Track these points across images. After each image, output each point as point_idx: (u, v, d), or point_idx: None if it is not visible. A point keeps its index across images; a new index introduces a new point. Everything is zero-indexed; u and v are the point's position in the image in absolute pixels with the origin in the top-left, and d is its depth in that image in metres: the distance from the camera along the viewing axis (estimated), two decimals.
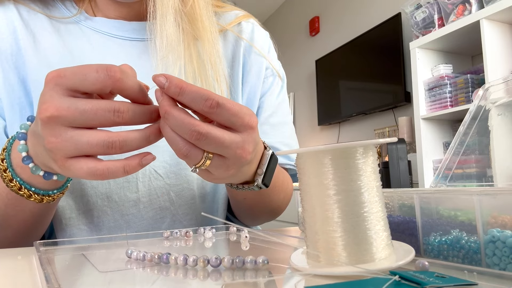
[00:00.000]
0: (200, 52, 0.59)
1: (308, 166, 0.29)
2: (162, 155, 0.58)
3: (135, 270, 0.32)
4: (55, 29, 0.60)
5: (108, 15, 0.62)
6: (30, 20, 0.59)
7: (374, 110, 2.82)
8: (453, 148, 0.53)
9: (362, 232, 0.27)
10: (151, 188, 0.57)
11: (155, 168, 0.57)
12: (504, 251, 0.27)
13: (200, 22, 0.59)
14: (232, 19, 0.70)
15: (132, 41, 0.61)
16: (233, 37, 0.68)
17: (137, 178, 0.57)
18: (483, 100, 0.54)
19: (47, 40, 0.59)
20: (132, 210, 0.57)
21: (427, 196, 0.34)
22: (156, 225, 0.58)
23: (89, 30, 0.61)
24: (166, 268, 0.32)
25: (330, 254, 0.28)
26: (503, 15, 1.74)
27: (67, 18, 0.61)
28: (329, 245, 0.28)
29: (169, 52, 0.56)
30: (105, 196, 0.56)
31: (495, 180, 0.52)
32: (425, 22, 2.08)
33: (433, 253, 0.33)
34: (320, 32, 3.65)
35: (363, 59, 2.94)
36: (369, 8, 2.99)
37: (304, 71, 3.83)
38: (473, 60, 2.21)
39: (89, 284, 0.30)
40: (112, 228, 0.57)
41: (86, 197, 0.56)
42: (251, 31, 0.70)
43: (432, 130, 2.07)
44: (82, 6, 0.62)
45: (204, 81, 0.59)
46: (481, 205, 0.29)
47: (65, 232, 0.56)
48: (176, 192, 0.59)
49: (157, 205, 0.58)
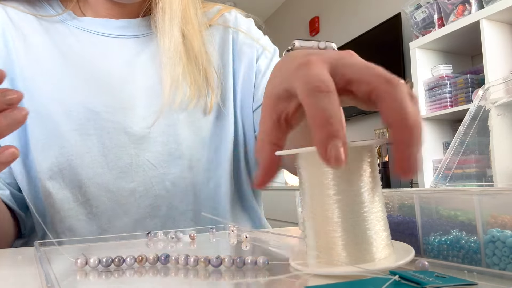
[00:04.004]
0: (188, 49, 0.62)
1: (308, 166, 0.29)
2: (154, 145, 0.59)
3: (136, 270, 0.32)
4: (44, 28, 0.61)
5: (99, 13, 0.63)
6: (20, 21, 0.60)
7: (374, 110, 2.82)
8: (453, 148, 0.53)
9: (362, 232, 0.27)
10: (146, 178, 0.58)
11: (148, 158, 0.59)
12: (504, 251, 0.27)
13: (191, 24, 0.62)
14: (215, 13, 0.71)
15: (121, 38, 0.62)
16: (220, 28, 0.70)
17: (132, 168, 0.58)
18: (483, 100, 0.54)
19: (37, 39, 0.60)
20: (129, 199, 0.58)
21: (427, 196, 0.34)
22: (153, 213, 0.59)
23: (76, 30, 0.62)
24: (166, 268, 0.32)
25: (330, 254, 0.28)
26: (503, 15, 1.74)
27: (53, 17, 0.62)
28: (328, 245, 0.28)
29: (177, 53, 0.59)
30: (102, 186, 0.57)
31: (495, 180, 0.52)
32: (425, 22, 2.08)
33: (433, 253, 0.33)
34: (320, 32, 3.65)
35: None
36: (369, 8, 3.00)
37: None
38: (473, 60, 2.21)
39: (90, 284, 0.30)
40: (111, 216, 0.58)
41: (84, 188, 0.57)
42: (234, 19, 0.72)
43: (432, 130, 2.08)
44: (68, 6, 0.63)
45: (193, 76, 0.61)
46: (481, 205, 0.29)
47: (64, 223, 0.57)
48: (171, 181, 0.60)
49: (153, 193, 0.59)
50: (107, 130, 0.57)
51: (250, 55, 0.68)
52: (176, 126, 0.60)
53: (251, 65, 0.68)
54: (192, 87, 0.61)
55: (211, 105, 0.63)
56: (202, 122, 0.62)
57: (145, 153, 0.58)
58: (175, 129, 0.60)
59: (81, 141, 0.57)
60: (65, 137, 0.56)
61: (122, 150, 0.57)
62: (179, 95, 0.60)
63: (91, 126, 0.57)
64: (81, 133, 0.57)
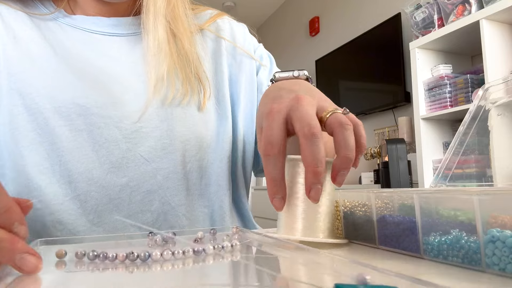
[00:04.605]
0: (179, 48, 0.62)
1: (289, 167, 0.41)
2: (147, 140, 0.59)
3: (136, 269, 0.32)
4: (35, 25, 0.61)
5: (88, 12, 0.64)
6: (10, 17, 0.60)
7: (374, 110, 2.82)
8: (452, 148, 0.53)
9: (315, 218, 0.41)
10: (138, 173, 0.58)
11: (141, 153, 0.59)
12: (503, 251, 0.27)
13: (181, 23, 0.63)
14: (207, 19, 0.72)
15: (112, 36, 0.63)
16: (212, 35, 0.71)
17: (124, 163, 0.58)
18: (483, 100, 0.54)
19: (28, 34, 0.60)
20: (120, 194, 0.58)
21: (427, 196, 0.34)
22: (145, 208, 0.59)
23: (68, 27, 0.62)
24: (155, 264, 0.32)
25: (293, 227, 0.41)
26: (503, 15, 1.74)
27: (45, 15, 0.62)
28: (293, 222, 0.41)
29: (161, 50, 0.60)
30: (93, 181, 0.57)
31: (495, 180, 0.52)
32: (425, 22, 2.08)
33: (432, 253, 0.33)
34: (320, 32, 3.66)
35: (363, 59, 2.94)
36: (369, 8, 3.00)
37: None
38: (472, 60, 2.21)
39: (86, 283, 0.30)
40: (101, 212, 0.57)
41: (74, 183, 0.56)
42: (229, 27, 0.73)
43: (432, 130, 2.08)
44: (60, 5, 0.63)
45: (184, 73, 0.62)
46: (481, 205, 0.29)
47: (54, 216, 0.56)
48: (163, 175, 0.60)
49: (145, 188, 0.59)
50: (97, 125, 0.57)
51: (250, 66, 0.71)
52: (169, 121, 0.60)
53: (252, 77, 0.71)
54: (184, 84, 0.62)
55: (204, 101, 0.64)
56: (196, 118, 0.63)
57: (138, 148, 0.58)
58: (169, 124, 0.60)
59: (72, 136, 0.56)
60: (55, 133, 0.56)
61: (114, 145, 0.57)
62: (172, 91, 0.60)
63: (81, 121, 0.57)
64: (71, 129, 0.57)
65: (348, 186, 2.69)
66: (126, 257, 0.33)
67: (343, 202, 0.44)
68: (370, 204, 0.40)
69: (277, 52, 4.30)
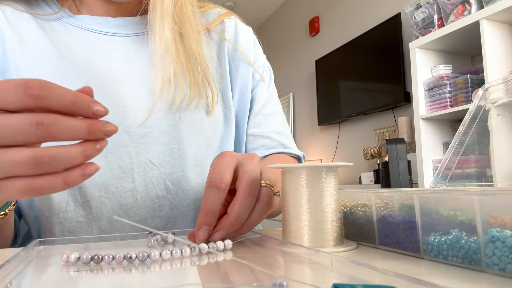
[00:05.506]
0: (186, 49, 0.61)
1: (289, 177, 0.41)
2: (155, 145, 0.59)
3: (136, 269, 0.32)
4: (41, 27, 0.60)
5: (94, 11, 0.63)
6: (16, 19, 0.60)
7: (374, 110, 2.82)
8: (452, 148, 0.53)
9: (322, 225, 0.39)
10: (147, 178, 0.58)
11: (149, 158, 0.58)
12: (503, 251, 0.27)
13: (188, 23, 0.62)
14: (215, 18, 0.71)
15: (118, 36, 0.62)
16: (217, 36, 0.70)
17: (132, 168, 0.57)
18: (483, 100, 0.54)
19: (34, 37, 0.59)
20: (130, 199, 0.58)
21: (426, 196, 0.34)
22: (155, 213, 0.59)
23: (73, 28, 0.61)
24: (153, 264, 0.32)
25: (300, 234, 0.40)
26: (503, 15, 1.74)
27: (50, 15, 0.61)
28: (299, 228, 0.40)
29: (168, 51, 0.59)
30: (102, 187, 0.56)
31: (495, 180, 0.52)
32: (424, 22, 2.08)
33: (432, 253, 0.33)
34: (320, 32, 3.65)
35: (363, 59, 2.94)
36: (369, 8, 3.00)
37: (304, 71, 3.83)
38: (472, 60, 2.21)
39: (86, 283, 0.30)
40: (112, 218, 0.57)
41: (84, 189, 0.56)
42: (234, 29, 0.71)
43: (431, 130, 2.08)
44: (65, 5, 0.63)
45: (192, 76, 0.61)
46: (480, 205, 0.29)
47: (64, 225, 0.56)
48: (172, 181, 0.60)
49: (154, 194, 0.59)
50: None
51: (246, 72, 0.69)
52: (177, 126, 0.60)
53: (247, 85, 0.69)
54: (192, 87, 0.61)
55: (212, 105, 0.63)
56: (204, 122, 0.62)
57: (146, 153, 0.58)
58: (177, 129, 0.60)
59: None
60: None
61: (123, 149, 0.57)
62: (179, 95, 0.59)
63: None
64: None
65: (348, 186, 2.69)
66: (124, 258, 0.33)
67: (343, 202, 0.44)
68: (370, 204, 0.40)
69: (277, 52, 4.30)
